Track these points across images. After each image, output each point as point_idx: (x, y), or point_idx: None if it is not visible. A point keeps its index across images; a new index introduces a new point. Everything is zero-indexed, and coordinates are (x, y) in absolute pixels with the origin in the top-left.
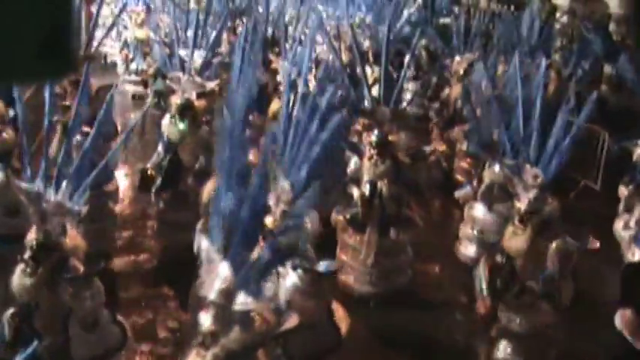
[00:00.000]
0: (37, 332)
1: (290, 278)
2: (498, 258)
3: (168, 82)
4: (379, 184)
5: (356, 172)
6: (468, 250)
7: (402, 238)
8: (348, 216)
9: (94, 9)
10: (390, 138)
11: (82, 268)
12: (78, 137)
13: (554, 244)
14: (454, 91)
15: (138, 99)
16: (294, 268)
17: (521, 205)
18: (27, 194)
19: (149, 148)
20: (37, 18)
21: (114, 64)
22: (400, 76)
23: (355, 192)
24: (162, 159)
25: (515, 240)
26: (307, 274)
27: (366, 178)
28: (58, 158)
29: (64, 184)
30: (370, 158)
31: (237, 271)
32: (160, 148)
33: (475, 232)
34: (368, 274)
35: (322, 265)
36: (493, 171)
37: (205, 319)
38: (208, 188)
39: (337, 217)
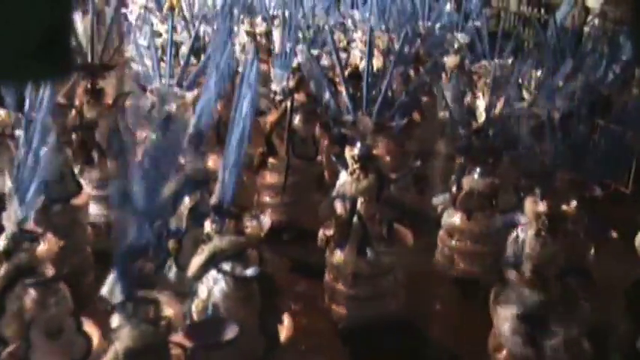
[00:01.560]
0: (3, 339)
1: (218, 283)
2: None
3: (148, 94)
4: (359, 200)
5: (342, 187)
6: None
7: (384, 259)
8: (329, 233)
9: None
10: (375, 151)
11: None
12: None
13: None
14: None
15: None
16: (221, 273)
17: (548, 211)
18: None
19: None
20: (35, 19)
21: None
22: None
23: (339, 208)
24: None
25: (545, 247)
26: (232, 278)
27: (348, 194)
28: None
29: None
30: (352, 173)
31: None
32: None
33: (454, 241)
34: (349, 297)
35: (249, 270)
36: (472, 178)
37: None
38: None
39: (321, 235)
